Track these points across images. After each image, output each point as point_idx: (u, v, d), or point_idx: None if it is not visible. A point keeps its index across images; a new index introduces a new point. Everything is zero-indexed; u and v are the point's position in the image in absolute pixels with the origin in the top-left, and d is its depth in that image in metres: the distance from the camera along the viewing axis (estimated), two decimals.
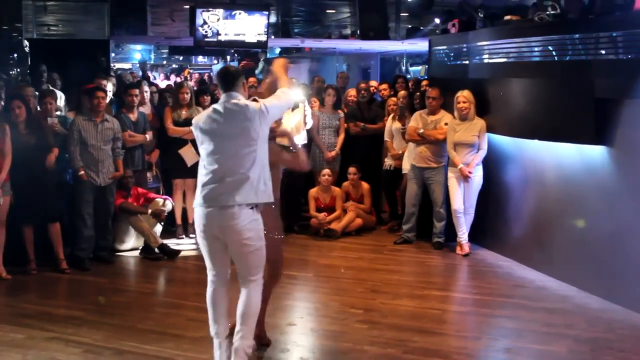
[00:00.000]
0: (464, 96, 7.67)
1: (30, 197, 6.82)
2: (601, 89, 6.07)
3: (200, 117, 4.58)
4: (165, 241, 7.86)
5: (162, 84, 17.73)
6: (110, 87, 8.81)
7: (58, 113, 7.92)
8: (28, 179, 6.82)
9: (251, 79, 11.13)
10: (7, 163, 6.61)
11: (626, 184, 6.08)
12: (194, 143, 8.31)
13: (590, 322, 5.75)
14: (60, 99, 9.05)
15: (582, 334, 5.49)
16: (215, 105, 4.56)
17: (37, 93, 8.04)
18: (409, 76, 13.98)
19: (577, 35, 6.26)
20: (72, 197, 7.38)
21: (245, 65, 18.98)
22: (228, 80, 4.56)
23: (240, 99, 4.53)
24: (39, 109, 7.50)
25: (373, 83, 10.07)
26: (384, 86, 10.13)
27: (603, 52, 6.02)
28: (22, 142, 6.79)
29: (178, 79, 22.81)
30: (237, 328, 4.49)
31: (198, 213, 4.47)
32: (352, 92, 9.54)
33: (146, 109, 8.59)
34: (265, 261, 4.60)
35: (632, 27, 5.71)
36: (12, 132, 6.76)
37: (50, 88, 9.00)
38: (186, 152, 8.32)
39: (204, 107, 8.61)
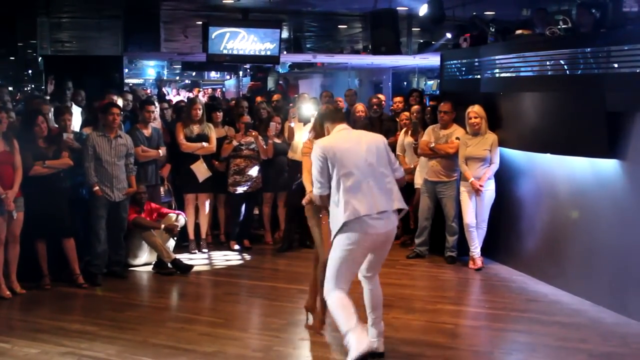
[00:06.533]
0: (474, 111, 7.68)
1: (44, 212, 6.86)
2: (613, 103, 6.06)
3: None
4: (178, 256, 7.87)
5: (174, 99, 17.85)
6: (120, 102, 8.86)
7: (73, 129, 7.98)
8: (43, 194, 6.86)
9: (258, 98, 11.21)
10: (18, 177, 6.64)
11: (639, 197, 6.06)
12: (205, 158, 8.38)
13: (605, 336, 5.71)
14: (77, 115, 9.12)
15: (596, 348, 5.46)
16: None
17: (52, 109, 8.14)
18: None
19: (588, 49, 6.25)
20: (87, 212, 7.42)
21: (253, 86, 19.16)
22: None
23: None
24: (55, 125, 7.56)
25: (381, 97, 10.04)
26: (399, 99, 10.09)
27: (615, 65, 6.00)
28: (40, 157, 6.85)
29: (191, 95, 22.95)
30: (374, 314, 5.13)
31: None
32: (359, 107, 9.50)
33: (156, 124, 8.63)
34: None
35: None
36: (31, 147, 6.82)
37: (67, 104, 9.06)
38: (198, 168, 8.35)
39: (216, 124, 8.66)
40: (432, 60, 14.09)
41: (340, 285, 4.87)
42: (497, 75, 7.60)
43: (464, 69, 8.42)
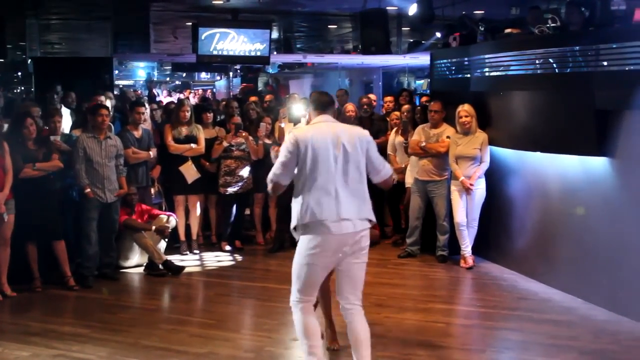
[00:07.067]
0: (465, 110, 7.70)
1: (35, 214, 6.83)
2: (602, 101, 6.08)
3: None
4: (170, 257, 7.85)
5: (165, 100, 17.83)
6: (109, 103, 8.83)
7: (62, 131, 7.96)
8: (33, 196, 6.83)
9: (252, 98, 11.20)
10: (9, 180, 6.62)
11: (629, 195, 6.08)
12: (194, 159, 8.37)
13: (596, 333, 5.74)
14: (66, 117, 9.10)
15: (587, 345, 5.48)
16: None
17: (41, 112, 8.11)
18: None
19: (577, 47, 6.27)
20: (78, 214, 7.39)
21: (245, 88, 19.17)
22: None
23: None
24: (45, 127, 7.54)
25: (372, 96, 10.04)
26: (389, 98, 10.11)
27: (604, 63, 6.03)
28: (30, 159, 6.82)
29: (182, 96, 22.92)
30: (357, 355, 4.57)
31: None
32: (349, 107, 9.49)
33: (146, 126, 8.62)
34: None
35: (632, 39, 5.73)
36: (21, 149, 6.79)
37: (56, 107, 9.04)
38: (187, 169, 8.33)
39: (205, 125, 8.65)
40: (422, 59, 14.13)
41: (305, 295, 4.55)
42: (486, 74, 7.62)
43: (453, 68, 8.43)
